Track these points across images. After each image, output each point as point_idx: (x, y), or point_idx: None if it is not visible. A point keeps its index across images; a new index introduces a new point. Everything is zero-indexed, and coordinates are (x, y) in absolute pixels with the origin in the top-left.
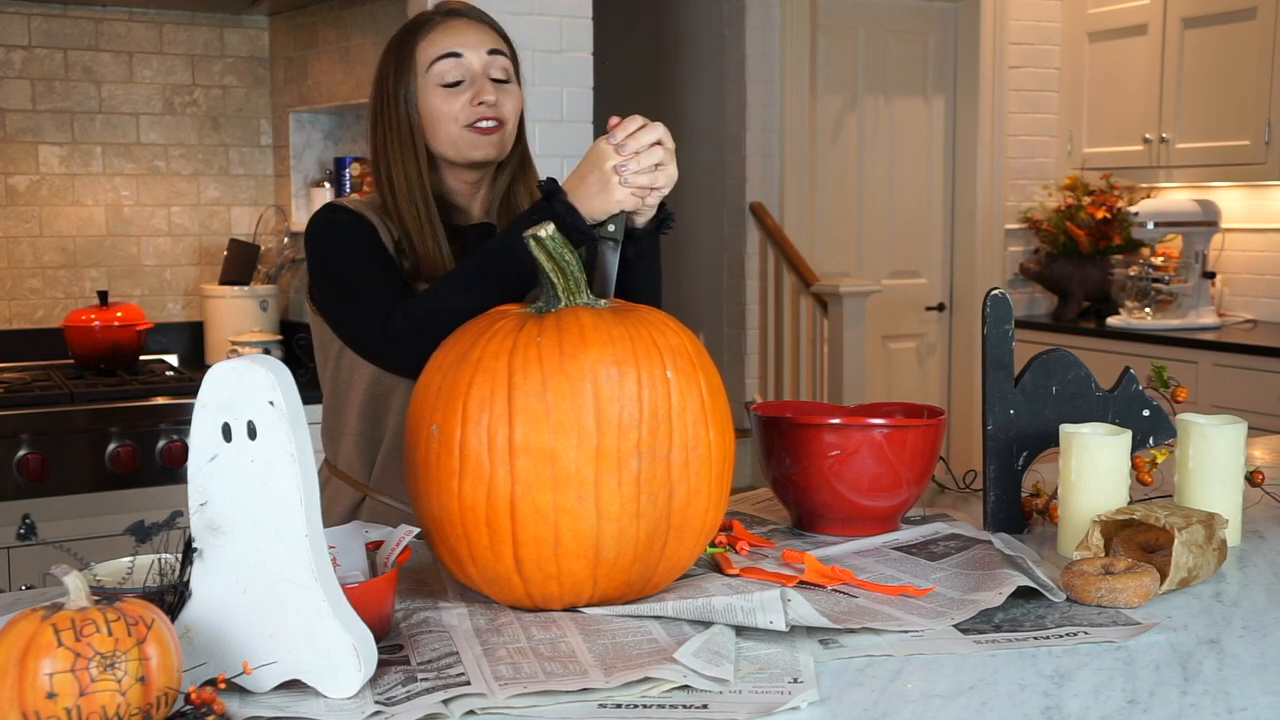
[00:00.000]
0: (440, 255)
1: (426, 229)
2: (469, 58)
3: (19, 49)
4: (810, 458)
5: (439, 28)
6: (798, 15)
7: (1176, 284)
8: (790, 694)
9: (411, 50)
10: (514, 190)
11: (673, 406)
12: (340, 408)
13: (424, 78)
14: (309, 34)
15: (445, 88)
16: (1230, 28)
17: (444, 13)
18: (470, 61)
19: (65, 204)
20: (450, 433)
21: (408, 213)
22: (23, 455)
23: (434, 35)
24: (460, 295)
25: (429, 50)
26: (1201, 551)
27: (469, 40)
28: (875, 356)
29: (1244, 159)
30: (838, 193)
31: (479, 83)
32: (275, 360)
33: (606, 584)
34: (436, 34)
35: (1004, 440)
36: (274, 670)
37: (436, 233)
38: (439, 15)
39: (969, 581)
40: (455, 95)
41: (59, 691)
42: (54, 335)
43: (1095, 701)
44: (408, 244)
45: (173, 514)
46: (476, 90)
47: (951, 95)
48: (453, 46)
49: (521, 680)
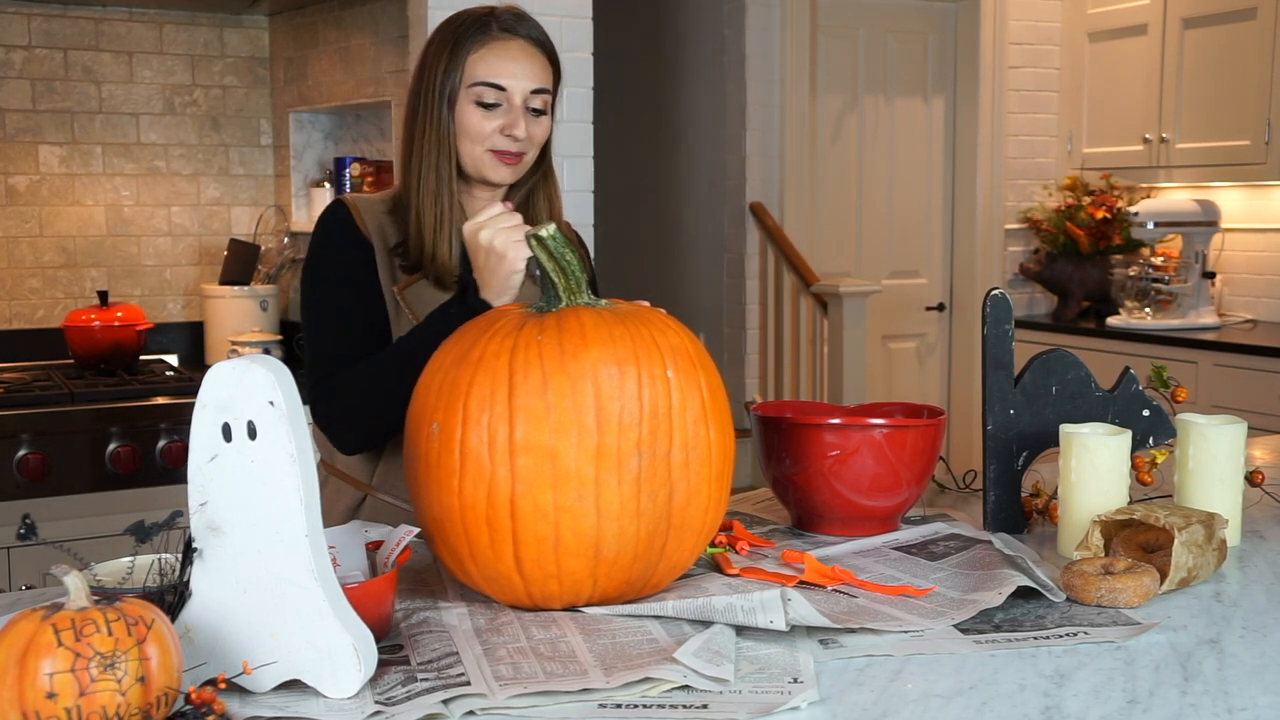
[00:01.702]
0: (450, 258)
1: (445, 229)
2: (512, 91)
3: (19, 49)
4: (810, 458)
5: (494, 46)
6: (798, 15)
7: (1176, 284)
8: (790, 694)
9: (462, 58)
10: (534, 199)
11: (673, 406)
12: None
13: (465, 91)
14: (309, 34)
15: (481, 106)
16: (1230, 28)
17: (503, 26)
18: (512, 94)
19: (65, 204)
20: (451, 432)
21: (429, 209)
22: (23, 455)
23: (486, 53)
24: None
25: (478, 67)
26: (1201, 551)
27: (518, 71)
28: (875, 356)
29: (1244, 159)
30: (838, 193)
31: (514, 114)
32: (275, 360)
33: (606, 583)
34: (489, 52)
35: (1004, 440)
36: (274, 670)
37: (452, 235)
38: (498, 29)
39: (969, 581)
40: (489, 118)
41: (59, 691)
42: (54, 335)
43: (1095, 701)
44: (419, 242)
45: (173, 514)
46: (510, 121)
47: (951, 95)
48: (500, 77)
49: (521, 680)
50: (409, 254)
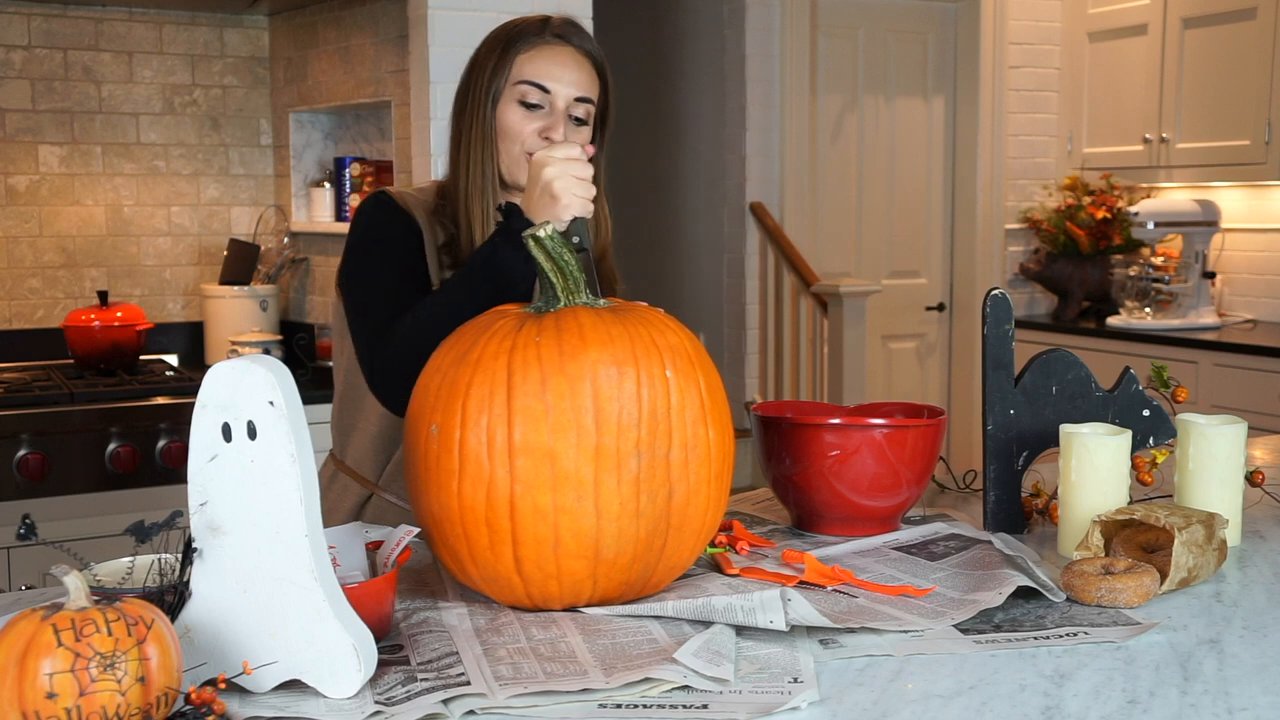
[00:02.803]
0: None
1: (491, 227)
2: (555, 95)
3: (19, 49)
4: (810, 458)
5: (544, 49)
6: (798, 15)
7: (1176, 284)
8: (790, 694)
9: (511, 58)
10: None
11: (672, 406)
12: (358, 400)
13: (510, 89)
14: (309, 34)
15: (523, 106)
16: (1230, 28)
17: (556, 32)
18: (555, 98)
19: (65, 204)
20: (450, 433)
21: (476, 205)
22: (23, 455)
23: (535, 55)
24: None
25: (524, 68)
26: (1201, 551)
27: (565, 77)
28: (875, 356)
29: (1244, 159)
30: (838, 193)
31: (555, 117)
32: (275, 360)
33: (606, 584)
34: (539, 54)
35: (1004, 440)
36: (274, 670)
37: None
38: (550, 34)
39: (969, 581)
40: (529, 118)
41: (59, 691)
42: (54, 335)
43: (1095, 701)
44: (468, 238)
45: (173, 514)
46: (550, 124)
47: (951, 95)
48: (544, 79)
49: (521, 680)
50: (456, 251)
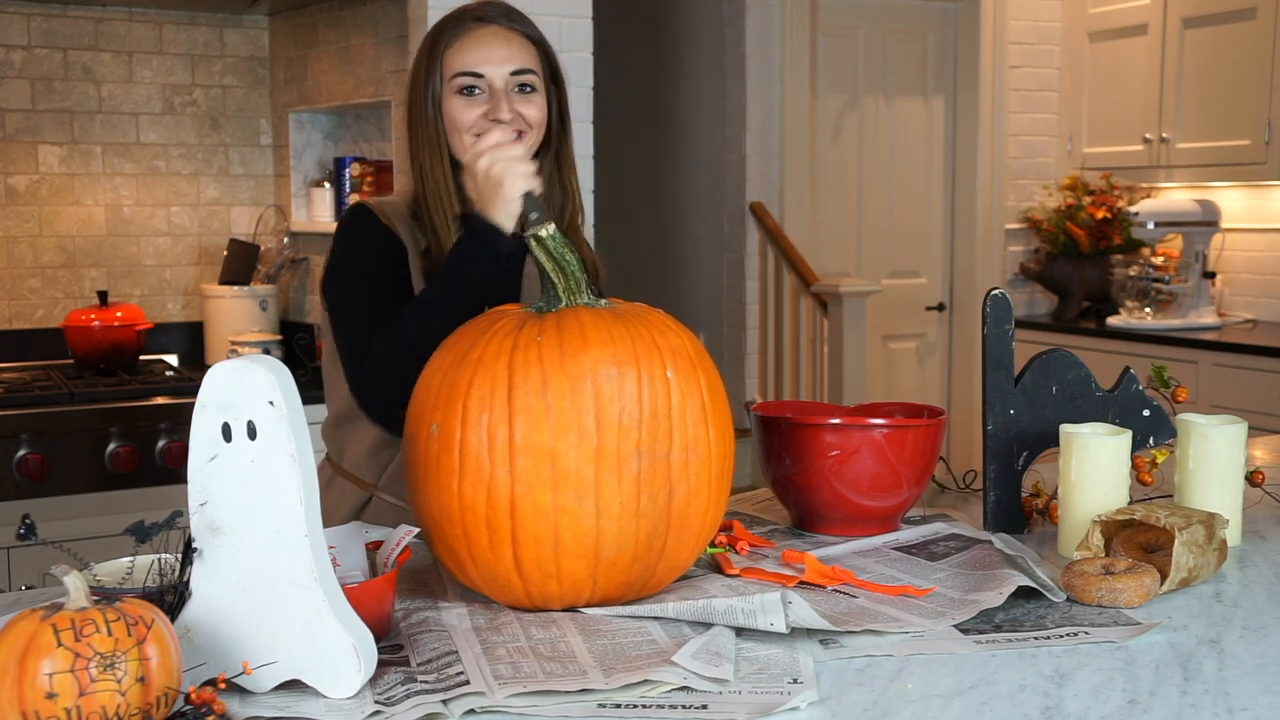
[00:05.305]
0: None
1: (455, 231)
2: (491, 76)
3: (19, 49)
4: (810, 458)
5: (467, 37)
6: (798, 15)
7: (1176, 284)
8: (790, 694)
9: (440, 56)
10: (550, 191)
11: (673, 406)
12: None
13: (447, 85)
14: (309, 34)
15: (463, 95)
16: (1230, 28)
17: (475, 16)
18: (492, 80)
19: (65, 204)
20: (450, 432)
21: (436, 212)
22: (23, 455)
23: (461, 45)
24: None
25: (454, 61)
26: (1202, 551)
27: (494, 56)
28: (875, 356)
29: (1244, 159)
30: (838, 193)
31: (496, 98)
32: (275, 360)
33: (606, 584)
34: (464, 44)
35: (1004, 440)
36: (274, 670)
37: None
38: (469, 19)
39: (969, 581)
40: (471, 105)
41: (59, 691)
42: (54, 335)
43: (1095, 701)
44: (438, 246)
45: (173, 514)
46: (493, 105)
47: (951, 95)
48: (475, 65)
49: (521, 680)
50: (433, 257)
